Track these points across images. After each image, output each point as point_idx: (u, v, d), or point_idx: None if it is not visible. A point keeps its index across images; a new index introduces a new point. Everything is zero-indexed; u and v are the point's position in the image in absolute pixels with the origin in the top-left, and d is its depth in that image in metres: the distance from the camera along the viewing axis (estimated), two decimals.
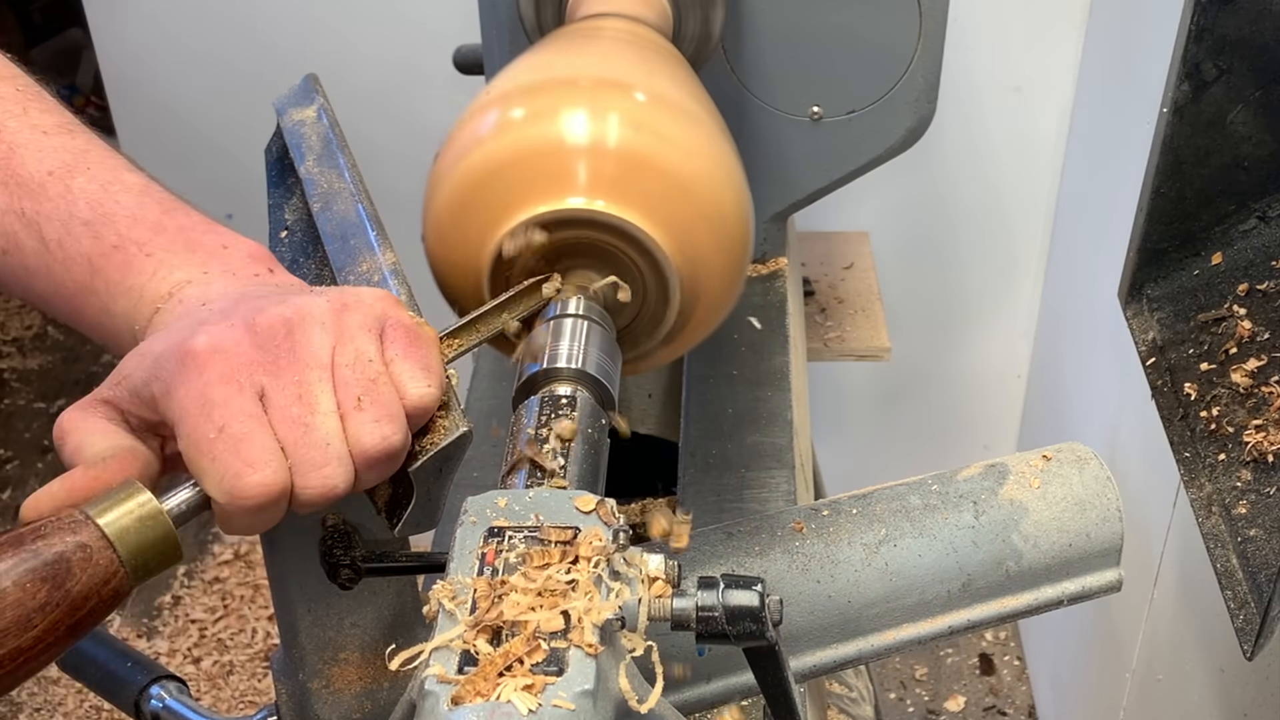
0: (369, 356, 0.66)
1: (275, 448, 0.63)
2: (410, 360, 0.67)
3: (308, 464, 0.64)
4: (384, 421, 0.65)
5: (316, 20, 2.06)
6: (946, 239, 2.21)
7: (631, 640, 0.61)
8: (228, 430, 0.63)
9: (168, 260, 0.71)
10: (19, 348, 3.15)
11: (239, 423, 0.63)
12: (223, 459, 0.63)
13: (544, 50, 0.97)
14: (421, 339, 0.69)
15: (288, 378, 0.64)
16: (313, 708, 0.85)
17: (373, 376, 0.65)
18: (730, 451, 1.17)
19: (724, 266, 0.87)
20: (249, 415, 0.63)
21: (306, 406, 0.64)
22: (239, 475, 0.62)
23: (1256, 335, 1.08)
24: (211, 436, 0.63)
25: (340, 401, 0.65)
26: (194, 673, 2.41)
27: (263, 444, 0.63)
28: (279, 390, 0.64)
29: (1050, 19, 1.97)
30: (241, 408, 0.63)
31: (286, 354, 0.65)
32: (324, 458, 0.64)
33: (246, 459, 0.62)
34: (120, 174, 0.74)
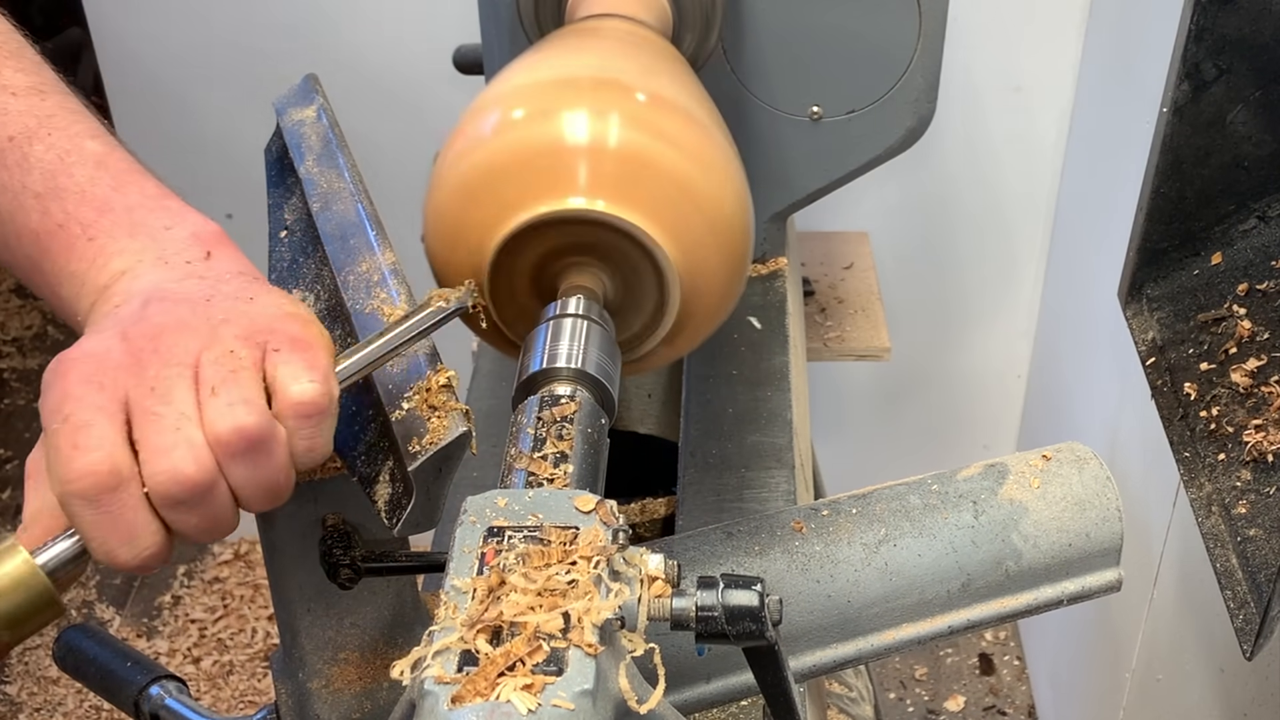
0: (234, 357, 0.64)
1: (115, 437, 0.61)
2: (292, 362, 0.65)
3: (153, 449, 0.62)
4: (237, 405, 0.63)
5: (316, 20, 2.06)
6: (946, 239, 2.21)
7: (632, 640, 0.61)
8: (70, 419, 0.61)
9: (107, 246, 0.70)
10: (19, 348, 3.15)
11: (83, 412, 0.61)
12: (58, 446, 0.61)
13: (544, 50, 0.97)
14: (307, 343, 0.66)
15: (147, 375, 0.63)
16: (313, 708, 0.85)
17: (233, 368, 0.64)
18: (730, 451, 1.17)
19: (724, 267, 0.87)
20: (96, 408, 0.62)
21: (159, 398, 0.62)
22: (68, 459, 0.61)
23: (1256, 335, 1.08)
24: (55, 427, 0.62)
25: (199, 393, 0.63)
26: (194, 673, 2.41)
27: (101, 432, 0.61)
28: (136, 388, 0.63)
29: (1050, 19, 1.97)
30: (91, 401, 0.62)
31: (150, 355, 0.64)
32: (171, 442, 0.62)
33: (77, 443, 0.61)
34: (81, 142, 0.73)
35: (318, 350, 0.66)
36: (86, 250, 0.70)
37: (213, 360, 0.64)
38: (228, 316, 0.66)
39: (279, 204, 0.91)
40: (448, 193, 0.85)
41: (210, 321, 0.65)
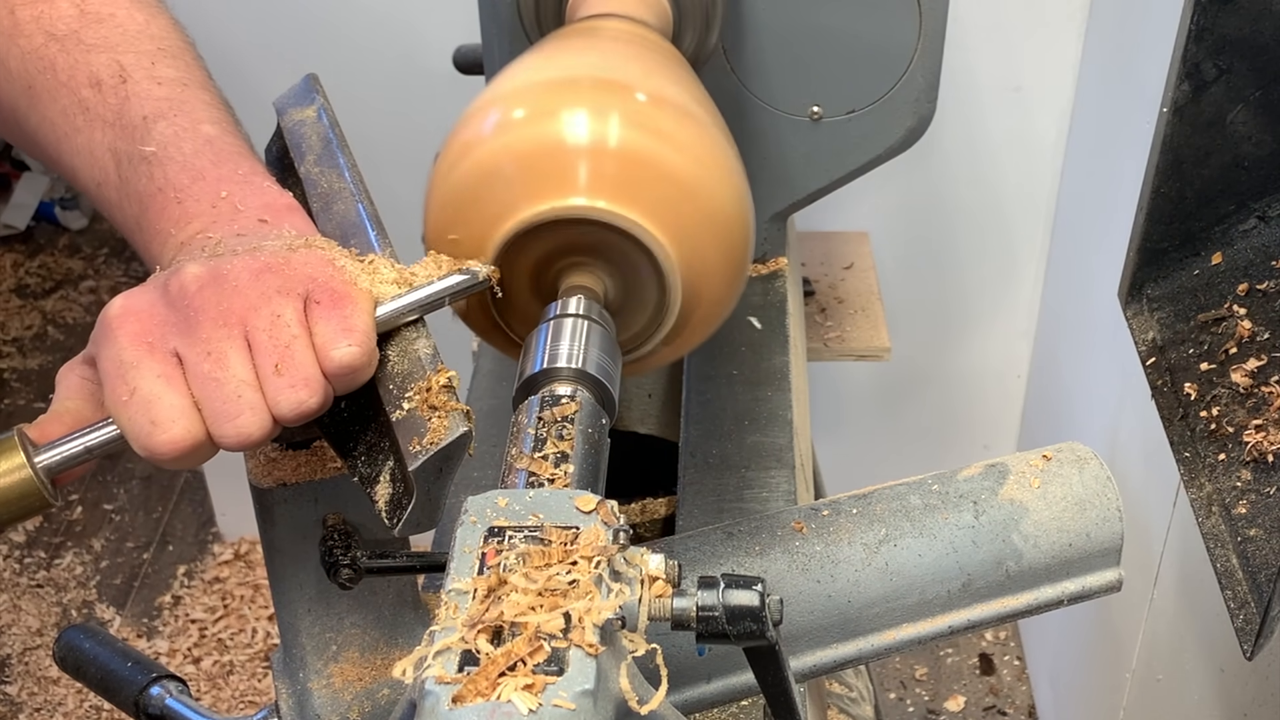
0: (285, 320, 0.69)
1: (185, 405, 0.68)
2: (332, 321, 0.70)
3: (221, 416, 0.68)
4: (299, 387, 0.68)
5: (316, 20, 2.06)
6: (946, 239, 2.21)
7: (632, 640, 0.61)
8: (139, 392, 0.68)
9: (191, 209, 0.77)
10: (19, 348, 3.15)
11: (148, 383, 0.68)
12: (136, 419, 0.68)
13: (544, 50, 0.97)
14: (347, 299, 0.71)
15: (197, 336, 0.69)
16: (313, 708, 0.85)
17: (287, 341, 0.69)
18: (730, 451, 1.17)
19: (725, 266, 0.87)
20: (158, 375, 0.68)
21: (216, 363, 0.68)
22: (150, 434, 0.68)
23: (1256, 335, 1.08)
24: (125, 399, 0.68)
25: (258, 366, 0.69)
26: (194, 673, 2.41)
27: (171, 402, 0.68)
28: (189, 349, 0.69)
29: (1050, 19, 1.97)
30: (151, 368, 0.68)
31: (195, 313, 0.69)
32: (236, 409, 0.68)
33: (155, 418, 0.68)
34: (199, 125, 0.82)
35: (357, 305, 0.71)
36: (174, 211, 0.78)
37: (264, 327, 0.69)
38: (269, 264, 0.71)
39: None
40: (448, 193, 0.85)
41: (251, 272, 0.71)
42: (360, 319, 0.71)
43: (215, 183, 0.79)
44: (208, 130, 0.82)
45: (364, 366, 0.71)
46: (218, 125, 0.83)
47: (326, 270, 0.72)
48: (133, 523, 2.75)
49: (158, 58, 0.85)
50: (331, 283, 0.72)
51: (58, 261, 3.41)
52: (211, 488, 2.63)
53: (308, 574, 0.81)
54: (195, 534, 2.71)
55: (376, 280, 0.75)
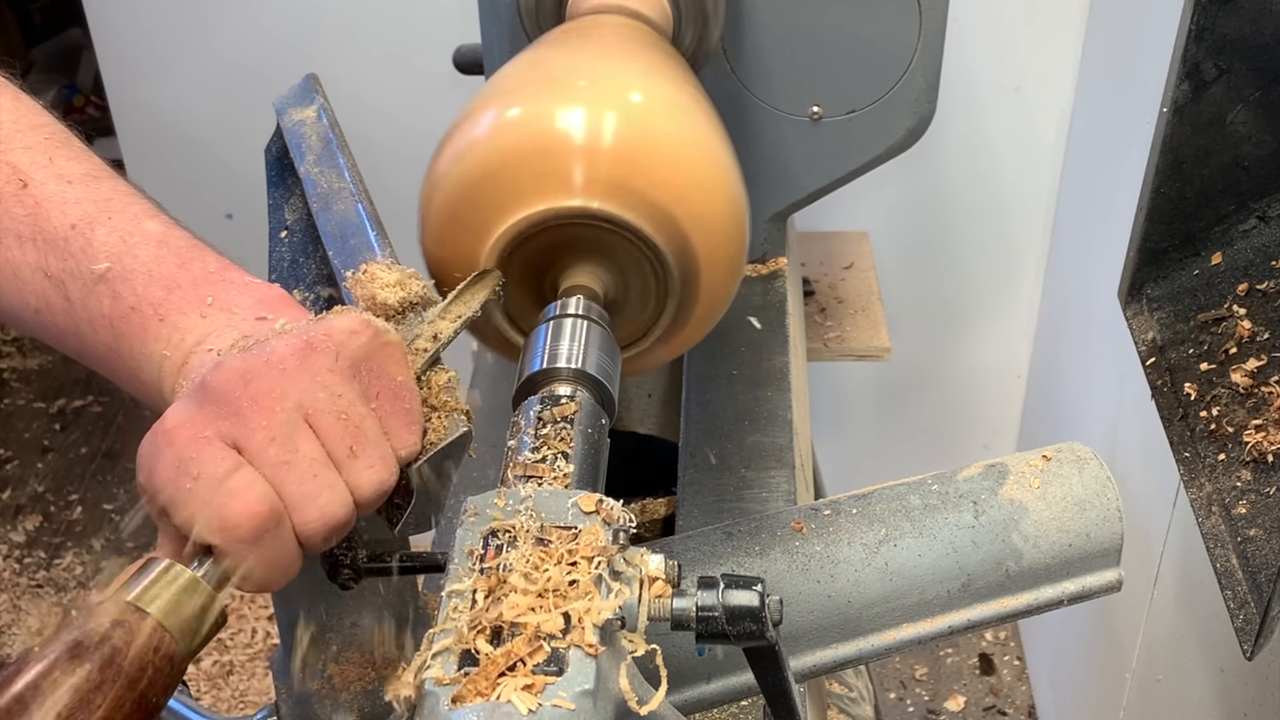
0: (348, 401, 0.65)
1: (259, 479, 0.63)
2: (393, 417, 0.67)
3: (300, 497, 0.63)
4: (378, 467, 0.66)
5: (316, 20, 2.06)
6: (946, 239, 2.21)
7: (632, 641, 0.61)
8: (204, 474, 0.62)
9: (180, 324, 0.70)
10: (19, 348, 3.15)
11: (215, 465, 0.62)
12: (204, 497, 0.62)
13: (541, 48, 0.97)
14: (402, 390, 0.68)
15: (255, 423, 0.63)
16: (313, 708, 0.85)
17: (358, 422, 0.65)
18: (730, 451, 1.17)
19: (721, 264, 0.87)
20: (224, 458, 0.62)
21: (283, 446, 0.63)
22: (223, 505, 0.62)
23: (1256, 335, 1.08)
24: (189, 487, 0.62)
25: (331, 451, 0.64)
26: (194, 673, 2.41)
27: (244, 476, 0.62)
28: (249, 437, 0.63)
29: (1050, 18, 1.97)
30: (215, 454, 0.62)
31: (248, 403, 0.64)
32: (315, 488, 0.64)
33: (229, 490, 0.62)
34: (140, 223, 0.73)
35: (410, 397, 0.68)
36: (160, 330, 0.70)
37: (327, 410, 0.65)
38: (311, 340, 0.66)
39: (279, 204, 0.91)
40: (445, 193, 0.85)
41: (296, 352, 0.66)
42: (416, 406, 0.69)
43: (192, 288, 0.71)
44: (152, 228, 0.73)
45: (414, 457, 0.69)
46: (156, 219, 0.75)
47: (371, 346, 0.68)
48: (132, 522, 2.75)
49: (52, 151, 0.75)
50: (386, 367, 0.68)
51: None
52: None
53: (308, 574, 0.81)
54: None
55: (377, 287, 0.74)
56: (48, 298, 0.72)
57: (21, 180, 0.73)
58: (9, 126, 0.76)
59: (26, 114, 0.78)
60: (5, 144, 0.75)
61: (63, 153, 0.76)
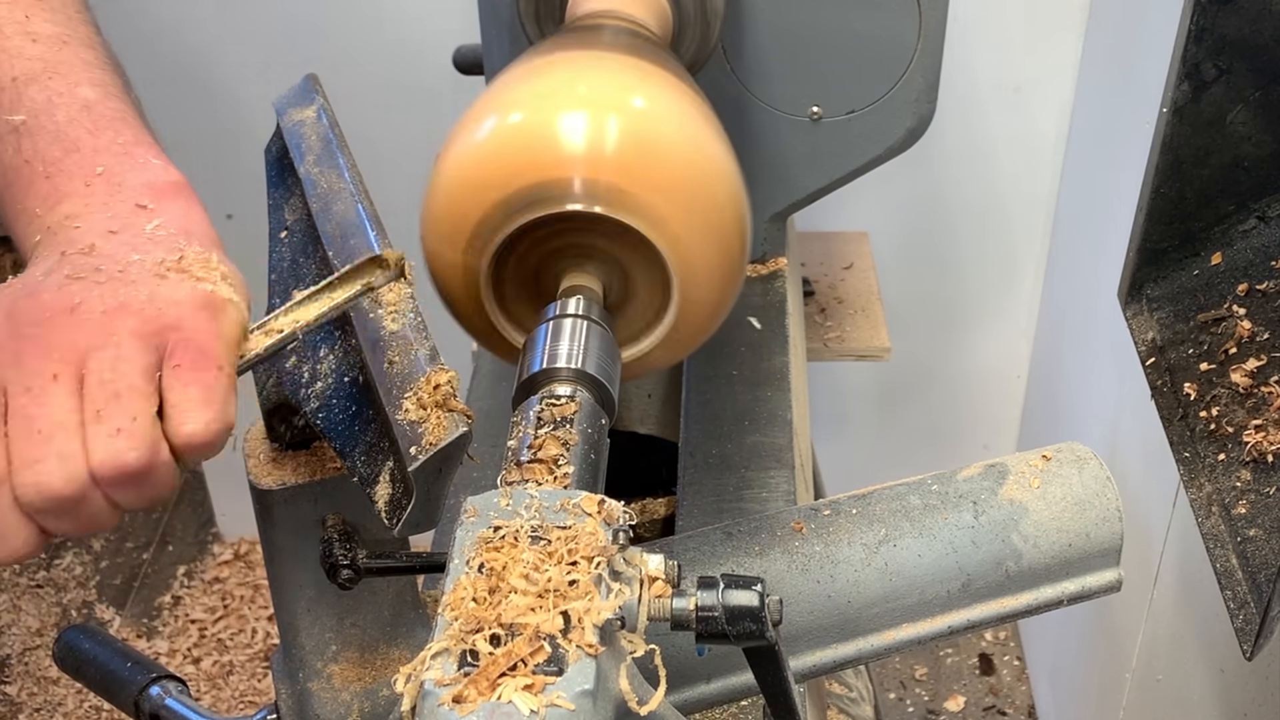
0: (126, 367, 0.61)
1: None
2: (189, 388, 0.62)
3: (21, 458, 0.60)
4: (120, 437, 0.60)
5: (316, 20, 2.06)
6: (946, 239, 2.21)
7: (632, 641, 0.61)
8: None
9: (61, 187, 0.69)
10: None
11: None
12: None
13: (543, 53, 0.97)
14: (208, 361, 0.63)
15: (27, 369, 0.61)
16: (313, 708, 0.85)
17: (119, 390, 0.61)
18: (730, 451, 1.17)
19: (722, 268, 0.87)
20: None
21: (34, 399, 0.60)
22: None
23: (1256, 335, 1.08)
24: None
25: (84, 408, 0.61)
26: (194, 673, 2.41)
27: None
28: (15, 382, 0.61)
29: (1050, 19, 1.97)
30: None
31: (33, 345, 0.61)
32: (40, 453, 0.60)
33: None
34: (76, 88, 0.73)
35: (217, 371, 0.63)
36: (42, 188, 0.69)
37: (100, 370, 0.61)
38: (127, 301, 0.63)
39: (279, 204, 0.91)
40: (446, 194, 0.85)
41: (106, 308, 0.62)
42: (220, 386, 0.63)
43: (91, 154, 0.70)
44: (86, 94, 0.73)
45: (219, 440, 0.63)
46: (99, 88, 0.74)
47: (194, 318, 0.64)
48: (133, 523, 2.75)
49: (33, 9, 0.76)
50: (197, 335, 0.63)
51: None
52: (211, 488, 2.63)
53: (308, 574, 0.81)
54: (195, 534, 2.71)
55: None
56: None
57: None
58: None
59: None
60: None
61: (45, 15, 0.76)
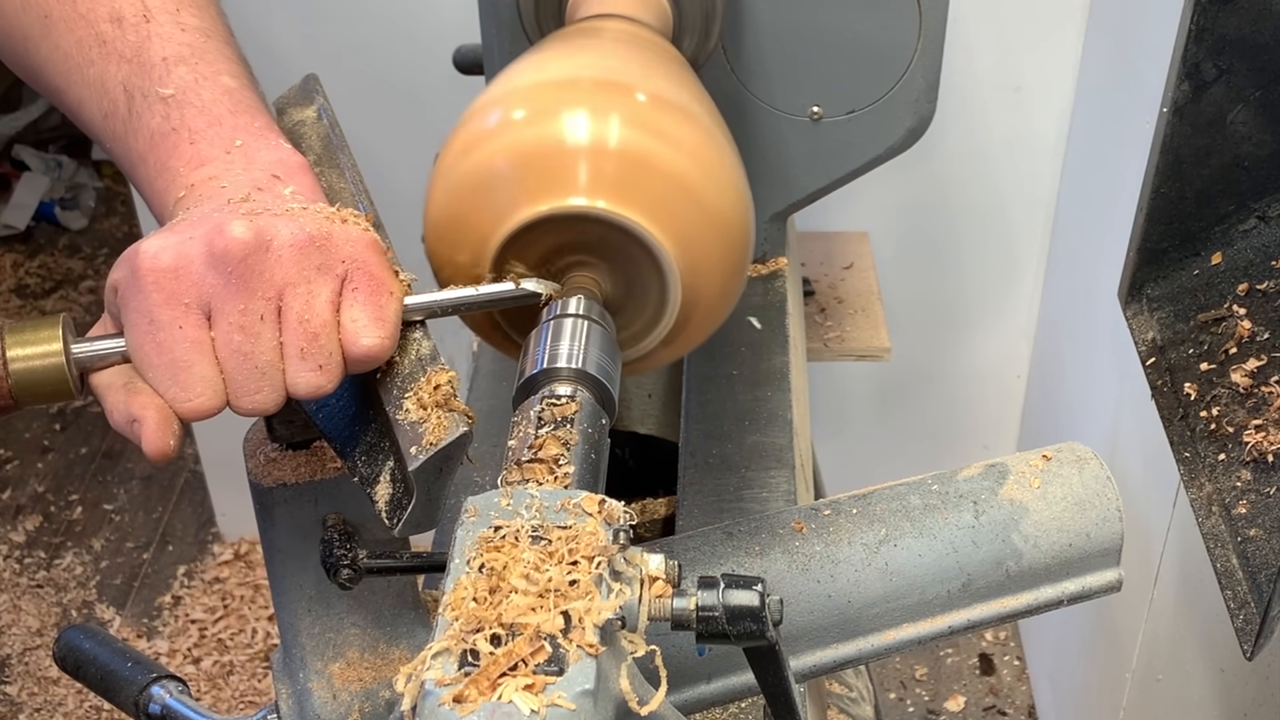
0: (319, 305, 0.71)
1: (213, 375, 0.70)
2: (366, 308, 0.72)
3: (242, 390, 0.70)
4: (319, 373, 0.71)
5: (317, 20, 2.06)
6: (946, 239, 2.21)
7: (632, 641, 0.61)
8: (170, 355, 0.69)
9: (204, 152, 0.78)
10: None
11: (181, 349, 0.69)
12: (164, 382, 0.70)
13: (544, 51, 0.97)
14: (383, 287, 0.73)
15: (234, 305, 0.70)
16: (313, 708, 0.85)
17: (316, 329, 0.70)
18: (730, 451, 1.17)
19: (724, 266, 0.87)
20: (191, 341, 0.69)
21: (248, 336, 0.70)
22: (176, 399, 0.70)
23: (1256, 335, 1.08)
24: (155, 359, 0.70)
25: (285, 343, 0.70)
26: (194, 673, 2.41)
27: (201, 373, 0.70)
28: (224, 317, 0.70)
29: (1050, 19, 1.97)
30: (185, 334, 0.69)
31: (236, 281, 0.70)
32: (257, 386, 0.70)
33: (184, 385, 0.69)
34: (219, 75, 0.82)
35: (392, 296, 0.73)
36: (187, 151, 0.78)
37: (298, 307, 0.70)
38: (314, 236, 0.72)
39: None
40: (448, 193, 0.85)
41: (296, 244, 0.71)
42: (392, 309, 0.73)
43: (231, 130, 0.79)
44: (227, 81, 0.82)
45: (386, 355, 0.73)
46: (237, 79, 0.83)
47: (368, 254, 0.73)
48: (133, 523, 2.75)
49: (183, 3, 0.85)
50: (371, 267, 0.73)
51: (58, 261, 3.41)
52: (211, 488, 2.63)
53: (308, 574, 0.81)
54: (195, 534, 2.71)
55: None
56: (117, 105, 0.81)
57: (145, 16, 0.83)
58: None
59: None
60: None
61: (192, 9, 0.85)
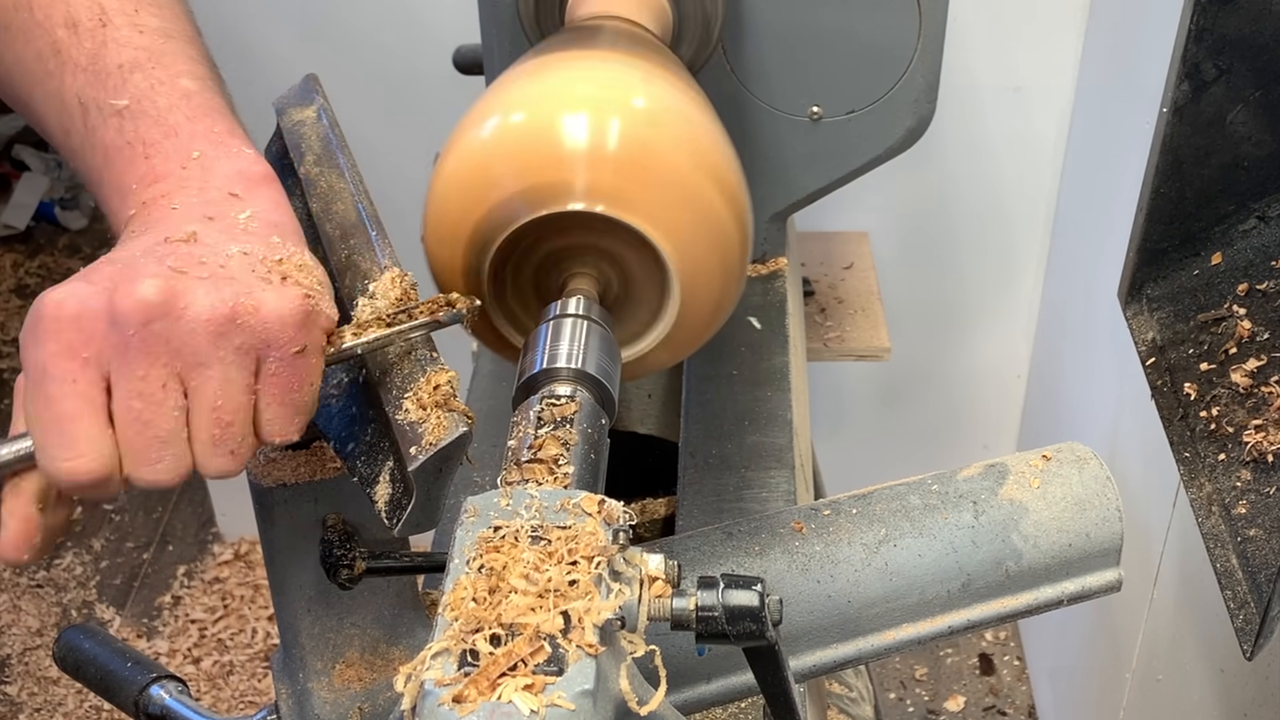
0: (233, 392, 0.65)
1: (103, 435, 0.64)
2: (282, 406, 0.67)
3: (140, 458, 0.65)
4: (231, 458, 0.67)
5: (317, 20, 2.06)
6: (946, 239, 2.21)
7: (632, 642, 0.61)
8: (57, 408, 0.63)
9: (158, 167, 0.73)
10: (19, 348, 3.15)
11: (69, 403, 0.63)
12: (49, 436, 0.64)
13: (543, 53, 0.97)
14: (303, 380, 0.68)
15: (133, 370, 0.64)
16: (313, 708, 0.85)
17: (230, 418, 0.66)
18: (730, 451, 1.17)
19: (723, 267, 0.87)
20: (81, 397, 0.63)
21: (148, 403, 0.64)
22: (56, 459, 0.63)
23: (1256, 335, 1.08)
24: (41, 413, 0.64)
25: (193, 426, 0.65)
26: (194, 673, 2.41)
27: (88, 431, 0.63)
28: (123, 380, 0.64)
29: (1050, 18, 1.97)
30: (76, 389, 0.63)
31: (139, 344, 0.64)
32: (159, 455, 0.65)
33: (68, 442, 0.63)
34: (177, 79, 0.77)
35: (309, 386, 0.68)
36: (141, 167, 0.74)
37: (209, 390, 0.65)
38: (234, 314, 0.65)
39: None
40: (448, 195, 0.85)
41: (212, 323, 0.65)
42: (308, 397, 0.69)
43: (188, 140, 0.74)
44: (186, 85, 0.77)
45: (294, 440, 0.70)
46: (198, 80, 0.79)
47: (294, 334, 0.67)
48: (133, 523, 2.75)
49: (142, 4, 0.81)
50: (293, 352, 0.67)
51: (58, 261, 3.41)
52: (211, 488, 2.63)
53: (308, 574, 0.81)
54: (195, 534, 2.71)
55: None
56: (75, 120, 0.77)
57: (101, 20, 0.78)
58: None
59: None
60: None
61: (152, 9, 0.81)
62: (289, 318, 0.67)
